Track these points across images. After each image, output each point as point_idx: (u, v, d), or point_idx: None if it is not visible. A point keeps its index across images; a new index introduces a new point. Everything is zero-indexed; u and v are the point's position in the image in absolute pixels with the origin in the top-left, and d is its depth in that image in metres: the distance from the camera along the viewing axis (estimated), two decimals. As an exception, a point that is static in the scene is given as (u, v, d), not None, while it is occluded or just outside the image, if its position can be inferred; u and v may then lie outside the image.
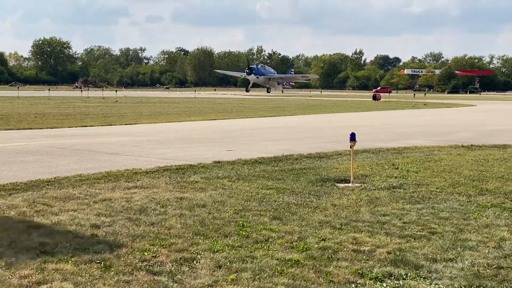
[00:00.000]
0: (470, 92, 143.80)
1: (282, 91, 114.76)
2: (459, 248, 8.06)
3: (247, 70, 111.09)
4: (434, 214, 9.96)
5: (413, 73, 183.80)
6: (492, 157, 17.15)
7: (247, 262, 7.33)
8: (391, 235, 8.63)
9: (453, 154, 17.73)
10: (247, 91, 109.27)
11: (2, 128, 25.78)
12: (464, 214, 9.99)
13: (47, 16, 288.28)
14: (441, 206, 10.58)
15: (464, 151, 18.61)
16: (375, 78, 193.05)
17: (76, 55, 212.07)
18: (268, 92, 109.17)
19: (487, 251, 7.97)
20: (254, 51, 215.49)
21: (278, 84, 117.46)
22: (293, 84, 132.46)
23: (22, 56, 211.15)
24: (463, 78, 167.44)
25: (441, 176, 13.79)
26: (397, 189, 12.10)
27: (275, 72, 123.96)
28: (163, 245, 8.00)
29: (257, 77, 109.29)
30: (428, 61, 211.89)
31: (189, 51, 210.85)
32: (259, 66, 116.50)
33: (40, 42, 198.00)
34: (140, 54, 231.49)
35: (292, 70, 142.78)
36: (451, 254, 7.82)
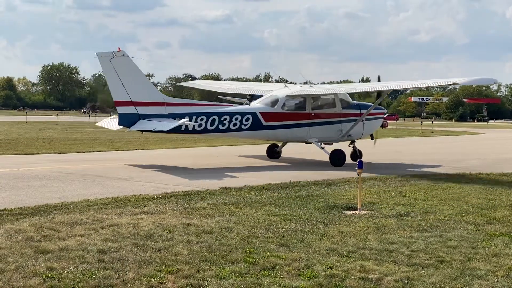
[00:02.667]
0: (478, 120, 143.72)
1: None
2: (467, 277, 8.01)
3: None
4: (442, 243, 9.91)
5: (420, 100, 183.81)
6: (500, 186, 17.08)
7: (254, 289, 7.30)
8: (399, 263, 8.59)
9: (461, 182, 17.67)
10: None
11: (10, 153, 25.89)
12: (472, 243, 9.94)
13: (56, 42, 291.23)
14: (449, 235, 10.53)
15: (472, 179, 18.54)
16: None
17: (84, 81, 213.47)
18: None
19: (495, 280, 7.91)
20: (262, 78, 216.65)
21: None
22: None
23: (30, 81, 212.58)
24: (471, 106, 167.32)
25: (449, 204, 13.74)
26: (404, 217, 12.06)
27: None
28: (169, 271, 7.98)
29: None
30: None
31: (197, 77, 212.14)
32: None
33: (49, 67, 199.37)
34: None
35: None
36: (459, 283, 7.77)
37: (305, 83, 35.95)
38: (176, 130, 21.32)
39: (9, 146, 29.60)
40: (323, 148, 23.37)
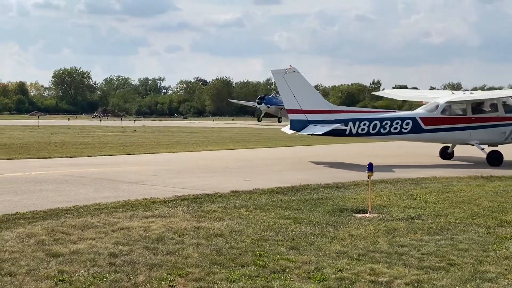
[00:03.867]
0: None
1: None
2: (478, 280, 8.00)
3: (257, 100, 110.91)
4: (453, 246, 9.89)
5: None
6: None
7: (264, 292, 7.32)
8: (409, 266, 8.58)
9: (472, 185, 17.61)
10: (259, 120, 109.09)
11: (23, 157, 26.06)
12: (483, 246, 9.91)
13: (67, 46, 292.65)
14: (460, 238, 10.51)
15: (483, 182, 18.48)
16: (394, 108, 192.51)
17: (96, 85, 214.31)
18: (279, 122, 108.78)
19: (506, 283, 7.89)
20: (272, 81, 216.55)
21: None
22: None
23: (42, 86, 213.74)
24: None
25: (460, 207, 13.70)
26: (415, 220, 12.04)
27: None
28: (180, 275, 8.02)
29: (268, 107, 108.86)
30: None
31: (208, 81, 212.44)
32: (270, 96, 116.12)
33: (61, 72, 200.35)
34: (158, 84, 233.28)
35: None
36: (470, 286, 7.76)
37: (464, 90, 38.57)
38: (338, 133, 25.16)
39: (21, 150, 29.80)
40: (483, 149, 25.12)
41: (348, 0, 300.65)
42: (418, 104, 30.03)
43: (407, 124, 25.18)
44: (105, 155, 28.00)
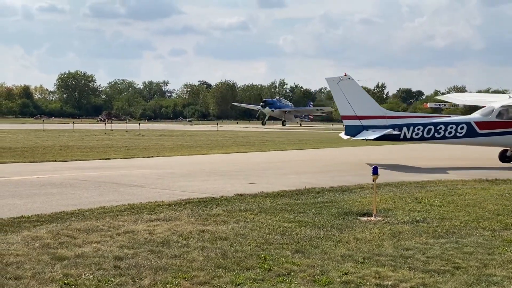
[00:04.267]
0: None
1: (300, 124, 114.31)
2: (483, 284, 7.98)
3: (261, 103, 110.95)
4: (458, 249, 9.87)
5: (436, 106, 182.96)
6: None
7: (269, 295, 7.31)
8: (415, 270, 8.57)
9: (477, 188, 17.57)
10: (262, 124, 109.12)
11: (27, 161, 26.11)
12: (488, 249, 9.88)
13: (72, 50, 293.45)
14: (465, 241, 10.48)
15: (488, 185, 18.44)
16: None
17: (100, 88, 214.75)
18: (283, 125, 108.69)
19: (512, 287, 7.86)
20: (277, 85, 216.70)
21: (296, 117, 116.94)
22: (312, 117, 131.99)
23: (47, 90, 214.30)
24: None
25: (465, 210, 13.67)
26: (420, 223, 12.02)
27: (292, 105, 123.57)
28: (185, 278, 8.02)
29: (272, 110, 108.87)
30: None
31: (212, 84, 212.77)
32: (274, 99, 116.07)
33: (65, 75, 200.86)
34: (163, 87, 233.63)
35: (311, 103, 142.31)
36: (475, 289, 7.73)
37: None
38: (391, 138, 26.18)
39: (26, 154, 29.86)
40: None
41: (352, 4, 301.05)
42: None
43: (462, 128, 25.77)
44: (109, 159, 28.05)
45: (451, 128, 25.74)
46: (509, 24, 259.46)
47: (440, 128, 25.67)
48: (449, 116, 28.41)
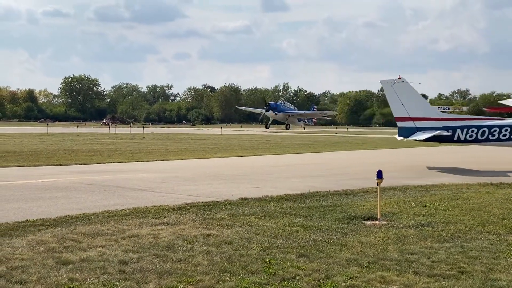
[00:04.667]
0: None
1: (304, 128, 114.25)
2: (489, 288, 7.95)
3: (265, 107, 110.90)
4: (464, 253, 9.85)
5: (439, 110, 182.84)
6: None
7: (274, 300, 7.30)
8: (420, 274, 8.55)
9: (482, 192, 17.54)
10: (266, 127, 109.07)
11: (32, 164, 26.16)
12: (494, 253, 9.86)
13: (76, 54, 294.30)
14: (471, 245, 10.46)
15: (493, 189, 18.40)
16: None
17: (104, 92, 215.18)
18: (287, 128, 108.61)
19: (518, 291, 7.84)
20: (280, 88, 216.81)
21: (299, 121, 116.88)
22: (315, 120, 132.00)
23: (51, 93, 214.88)
24: (491, 115, 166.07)
25: (470, 214, 13.64)
26: (425, 227, 12.00)
27: (295, 108, 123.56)
28: (190, 282, 8.02)
29: (276, 114, 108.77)
30: (455, 98, 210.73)
31: (216, 88, 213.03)
32: (278, 103, 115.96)
33: (70, 79, 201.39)
34: (167, 91, 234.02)
35: (315, 106, 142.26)
36: (481, 294, 7.71)
37: None
38: (443, 140, 26.62)
39: (31, 157, 29.91)
40: None
41: (356, 7, 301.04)
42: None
43: None
44: (114, 162, 28.07)
45: (506, 130, 26.30)
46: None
47: (495, 131, 26.20)
48: (504, 119, 28.89)
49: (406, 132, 26.86)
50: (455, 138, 26.28)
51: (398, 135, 27.66)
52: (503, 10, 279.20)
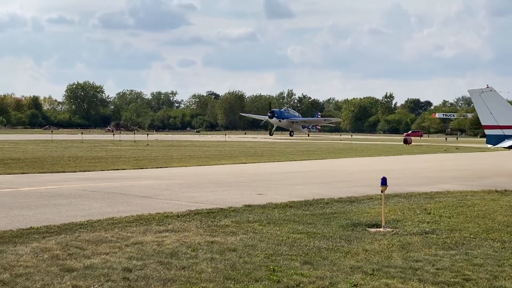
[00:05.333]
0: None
1: (308, 135, 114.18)
2: (494, 296, 7.91)
3: (269, 114, 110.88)
4: (468, 261, 9.81)
5: (444, 117, 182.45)
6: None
7: (278, 307, 7.28)
8: (424, 282, 8.53)
9: (486, 199, 17.49)
10: (270, 134, 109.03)
11: (36, 171, 26.20)
12: (498, 261, 9.82)
13: (81, 61, 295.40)
14: (475, 252, 10.42)
15: (498, 196, 18.35)
16: (406, 122, 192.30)
17: (109, 99, 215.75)
18: (291, 135, 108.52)
19: (523, 299, 7.80)
20: (285, 95, 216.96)
21: (303, 128, 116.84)
22: (320, 127, 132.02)
23: (56, 100, 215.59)
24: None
25: (475, 221, 13.60)
26: (429, 235, 11.96)
27: (299, 115, 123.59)
28: (194, 290, 7.99)
29: (279, 121, 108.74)
30: (460, 104, 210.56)
31: (220, 94, 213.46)
32: (282, 109, 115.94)
33: (74, 86, 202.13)
34: (171, 98, 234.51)
35: (319, 113, 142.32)
36: (486, 301, 7.68)
37: None
38: None
39: (35, 164, 29.96)
40: None
41: (361, 14, 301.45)
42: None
43: None
44: (118, 169, 28.11)
45: None
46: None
47: None
48: None
49: (494, 140, 27.57)
50: None
51: (487, 143, 28.40)
52: (508, 17, 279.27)
